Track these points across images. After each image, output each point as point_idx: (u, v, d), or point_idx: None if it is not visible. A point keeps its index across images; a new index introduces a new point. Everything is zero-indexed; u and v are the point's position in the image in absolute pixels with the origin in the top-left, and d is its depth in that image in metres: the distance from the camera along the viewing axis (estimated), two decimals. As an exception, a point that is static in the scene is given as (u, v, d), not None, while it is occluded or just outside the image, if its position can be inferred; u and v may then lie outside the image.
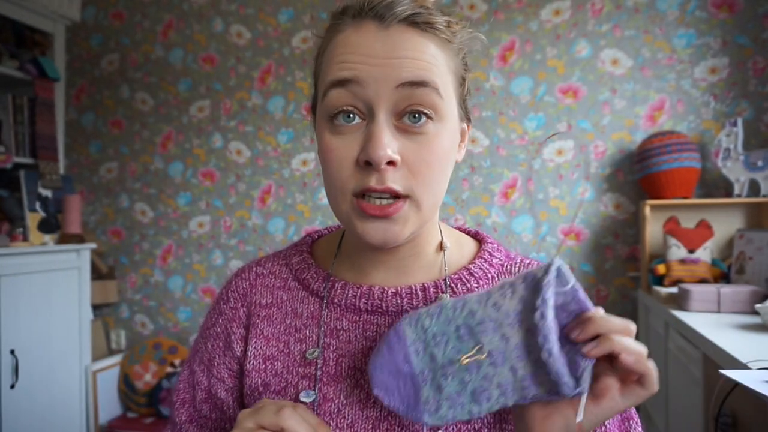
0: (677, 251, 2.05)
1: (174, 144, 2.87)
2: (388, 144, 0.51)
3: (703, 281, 1.97)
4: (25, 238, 2.42)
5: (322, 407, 0.58)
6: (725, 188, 2.22)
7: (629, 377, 0.48)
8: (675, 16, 2.29)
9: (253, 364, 0.63)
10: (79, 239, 2.54)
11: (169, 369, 2.72)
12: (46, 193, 2.56)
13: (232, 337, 0.66)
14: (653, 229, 2.22)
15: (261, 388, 0.63)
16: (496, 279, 0.62)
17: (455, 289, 0.60)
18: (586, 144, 2.39)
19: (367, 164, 0.52)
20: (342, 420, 0.58)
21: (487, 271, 0.62)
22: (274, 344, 0.63)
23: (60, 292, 2.41)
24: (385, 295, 0.60)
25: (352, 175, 0.53)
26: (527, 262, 0.64)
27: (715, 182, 2.25)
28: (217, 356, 0.67)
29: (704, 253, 2.03)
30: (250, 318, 0.66)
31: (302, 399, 0.59)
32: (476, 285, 0.61)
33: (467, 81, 0.60)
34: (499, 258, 0.64)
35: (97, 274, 2.84)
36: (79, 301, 2.51)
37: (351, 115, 0.53)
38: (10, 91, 2.51)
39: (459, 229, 0.69)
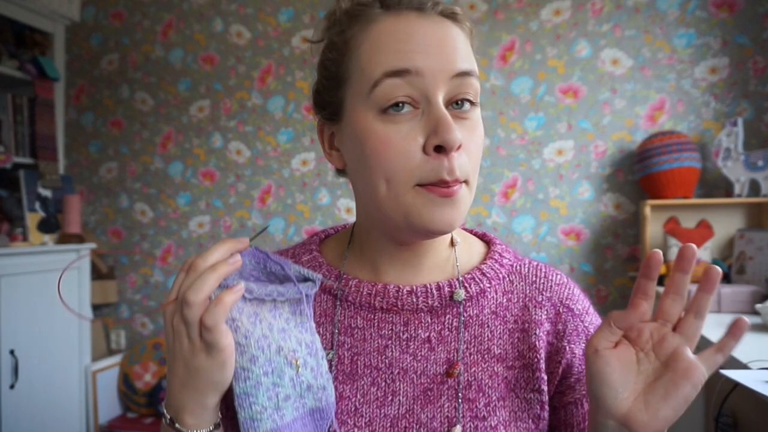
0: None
1: (174, 144, 2.87)
2: (457, 127, 0.52)
3: (703, 281, 1.97)
4: (25, 238, 2.42)
5: (338, 406, 0.58)
6: (725, 188, 2.22)
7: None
8: (675, 15, 2.29)
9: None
10: (79, 239, 2.54)
11: (169, 369, 2.72)
12: (46, 193, 2.55)
13: None
14: (653, 229, 2.22)
15: None
16: (507, 279, 0.63)
17: (468, 289, 0.60)
18: (586, 144, 2.39)
19: (436, 150, 0.51)
20: (360, 419, 0.57)
21: (498, 271, 0.63)
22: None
23: (60, 292, 2.41)
24: (400, 293, 0.60)
25: (419, 164, 0.52)
26: (535, 264, 0.65)
27: (715, 182, 2.25)
28: None
29: (704, 253, 2.03)
30: None
31: None
32: (488, 284, 0.61)
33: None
34: (508, 259, 0.65)
35: (97, 274, 2.84)
36: (79, 301, 2.51)
37: (401, 105, 0.52)
38: (10, 91, 2.50)
39: (465, 230, 0.70)
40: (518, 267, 0.64)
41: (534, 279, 0.63)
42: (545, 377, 0.59)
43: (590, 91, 2.38)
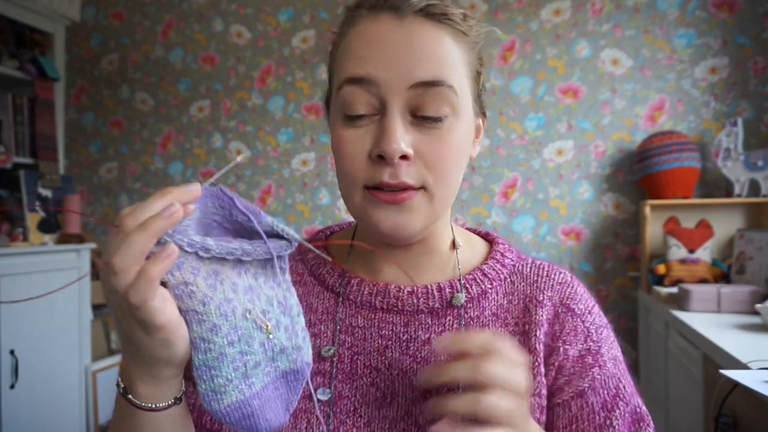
0: (677, 251, 2.05)
1: (174, 144, 2.87)
2: (401, 138, 0.51)
3: (703, 281, 1.97)
4: (25, 238, 2.42)
5: (337, 405, 0.57)
6: (725, 188, 2.22)
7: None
8: (675, 16, 2.29)
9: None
10: (79, 239, 2.54)
11: (169, 369, 2.72)
12: (46, 193, 2.55)
13: None
14: (653, 229, 2.22)
15: None
16: (509, 279, 0.62)
17: (470, 290, 0.60)
18: (586, 144, 2.39)
19: (380, 158, 0.52)
20: (359, 419, 0.57)
21: (500, 271, 0.62)
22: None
23: (60, 292, 2.41)
24: (401, 293, 0.59)
25: (364, 168, 0.53)
26: (538, 263, 0.64)
27: (715, 182, 2.25)
28: None
29: (704, 253, 2.03)
30: None
31: (319, 396, 0.58)
32: (489, 286, 0.61)
33: (482, 76, 0.60)
34: (510, 258, 0.64)
35: (97, 274, 2.84)
36: (79, 301, 2.51)
37: (363, 111, 0.53)
38: (10, 91, 2.50)
39: (468, 229, 0.69)
40: (520, 267, 0.63)
41: (536, 278, 0.62)
42: (544, 381, 0.58)
43: (590, 91, 2.38)
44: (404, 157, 0.51)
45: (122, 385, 0.47)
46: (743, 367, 1.14)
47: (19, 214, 2.45)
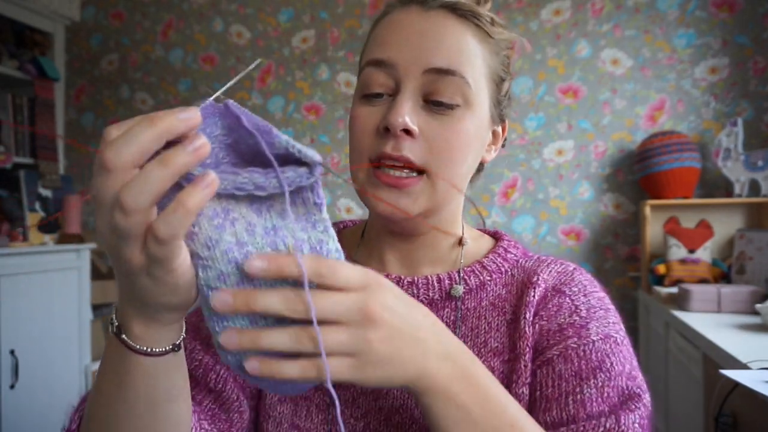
0: (677, 251, 2.05)
1: (174, 144, 2.87)
2: (408, 113, 0.52)
3: (703, 281, 1.97)
4: (25, 238, 2.42)
5: (337, 393, 0.57)
6: (725, 188, 2.22)
7: None
8: (675, 16, 2.29)
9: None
10: (79, 239, 2.54)
11: (169, 369, 2.72)
12: (46, 193, 2.55)
13: None
14: (653, 229, 2.22)
15: None
16: (510, 273, 0.61)
17: (468, 281, 0.60)
18: (586, 144, 2.39)
19: (386, 131, 0.53)
20: (357, 410, 0.58)
21: (500, 264, 0.62)
22: None
23: (60, 292, 2.41)
24: (400, 284, 0.60)
25: (371, 142, 0.55)
26: (543, 258, 0.63)
27: (715, 182, 2.25)
28: None
29: (704, 253, 2.03)
30: None
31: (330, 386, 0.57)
32: (489, 278, 0.61)
33: (507, 84, 0.61)
34: (514, 254, 0.63)
35: (97, 274, 2.84)
36: (79, 301, 2.51)
37: (381, 93, 0.55)
38: (10, 91, 2.50)
39: (480, 230, 0.70)
40: (523, 262, 0.63)
41: (535, 267, 0.61)
42: (530, 366, 0.55)
43: (590, 91, 2.38)
44: (409, 133, 0.53)
45: (116, 323, 0.41)
46: (743, 367, 1.14)
47: (19, 214, 2.45)
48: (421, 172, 0.54)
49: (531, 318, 0.56)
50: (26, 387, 2.20)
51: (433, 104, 0.54)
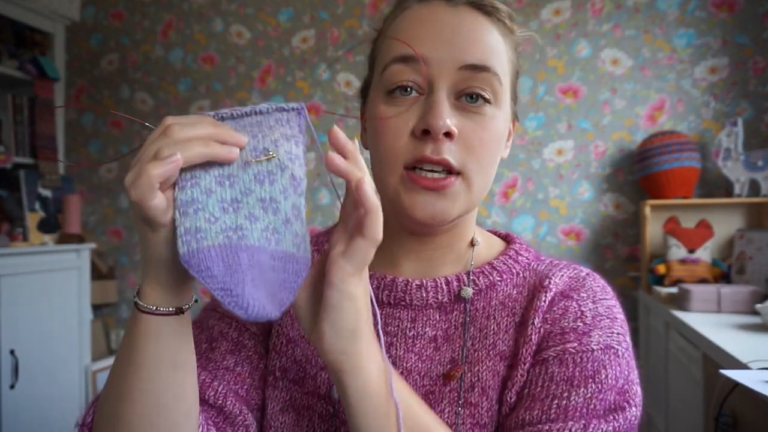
0: (677, 251, 2.05)
1: (174, 144, 2.86)
2: (448, 116, 0.51)
3: (703, 281, 1.97)
4: (25, 238, 2.42)
5: (341, 403, 0.57)
6: (725, 188, 2.22)
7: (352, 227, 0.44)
8: (675, 15, 2.29)
9: (275, 342, 0.61)
10: (79, 239, 2.54)
11: (169, 369, 2.72)
12: (46, 193, 2.55)
13: None
14: (653, 229, 2.22)
15: (278, 373, 0.60)
16: (521, 275, 0.60)
17: (477, 282, 0.59)
18: (586, 144, 2.39)
19: (424, 134, 0.51)
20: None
21: (512, 266, 0.60)
22: (297, 327, 0.61)
23: (60, 292, 2.41)
24: (409, 287, 0.58)
25: (406, 145, 0.52)
26: (556, 262, 0.62)
27: (715, 182, 2.25)
28: None
29: (704, 253, 2.03)
30: None
31: (334, 396, 0.57)
32: (499, 279, 0.59)
33: (519, 78, 0.61)
34: (525, 257, 0.62)
35: (97, 274, 2.84)
36: (79, 301, 2.51)
37: (409, 89, 0.53)
38: (10, 91, 2.50)
39: (491, 231, 0.68)
40: (535, 265, 0.61)
41: (547, 272, 0.59)
42: (524, 375, 0.54)
43: (590, 91, 2.38)
44: (449, 135, 0.51)
45: (136, 289, 0.47)
46: (743, 367, 1.14)
47: (19, 214, 2.45)
48: (456, 172, 0.52)
49: (539, 324, 0.55)
50: (26, 387, 2.21)
51: (467, 101, 0.53)
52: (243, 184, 0.44)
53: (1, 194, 2.48)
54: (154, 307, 0.46)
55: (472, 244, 0.62)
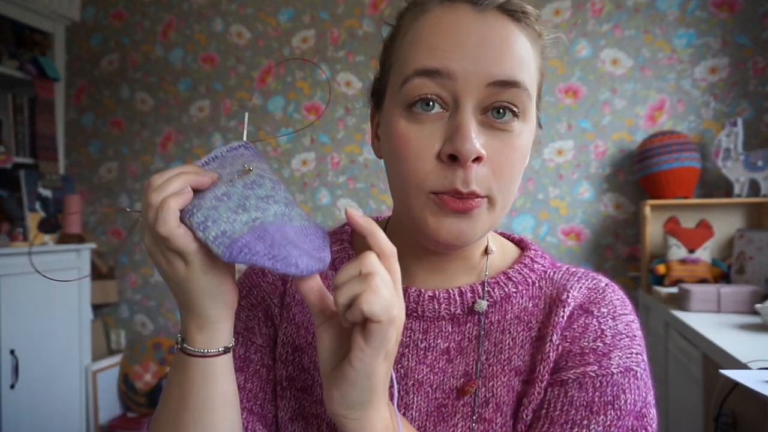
0: (677, 251, 2.05)
1: (174, 144, 2.87)
2: (476, 138, 0.47)
3: (703, 281, 1.97)
4: (25, 238, 2.42)
5: None
6: (725, 188, 2.22)
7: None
8: (675, 16, 2.29)
9: (280, 352, 0.60)
10: (79, 239, 2.54)
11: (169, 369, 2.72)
12: (46, 193, 2.55)
13: (272, 305, 0.62)
14: (653, 229, 2.22)
15: (285, 383, 0.59)
16: (537, 284, 0.58)
17: (492, 294, 0.57)
18: (586, 144, 2.39)
19: (451, 159, 0.48)
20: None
21: (527, 276, 0.58)
22: (303, 334, 0.60)
23: (60, 292, 2.41)
24: (421, 298, 0.57)
25: (432, 170, 0.49)
26: (573, 270, 0.60)
27: (715, 182, 2.25)
28: (256, 325, 0.61)
29: (704, 253, 2.03)
30: (284, 297, 0.62)
31: None
32: (514, 290, 0.57)
33: (543, 84, 0.57)
34: (541, 264, 0.60)
35: (97, 274, 2.84)
36: (79, 301, 2.51)
37: (431, 104, 0.49)
38: (10, 91, 2.51)
39: (504, 235, 0.66)
40: (551, 273, 0.59)
41: (565, 282, 0.57)
42: (541, 393, 0.54)
43: (590, 91, 2.38)
44: (477, 159, 0.48)
45: (180, 337, 0.50)
46: (743, 367, 1.14)
47: (20, 214, 2.45)
48: (482, 196, 0.50)
49: (557, 341, 0.54)
50: (26, 387, 2.21)
51: (494, 116, 0.49)
52: (239, 194, 0.48)
53: (1, 194, 2.48)
54: (205, 350, 0.49)
55: (486, 252, 0.60)
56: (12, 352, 2.15)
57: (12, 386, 2.14)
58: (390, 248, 0.45)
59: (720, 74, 2.26)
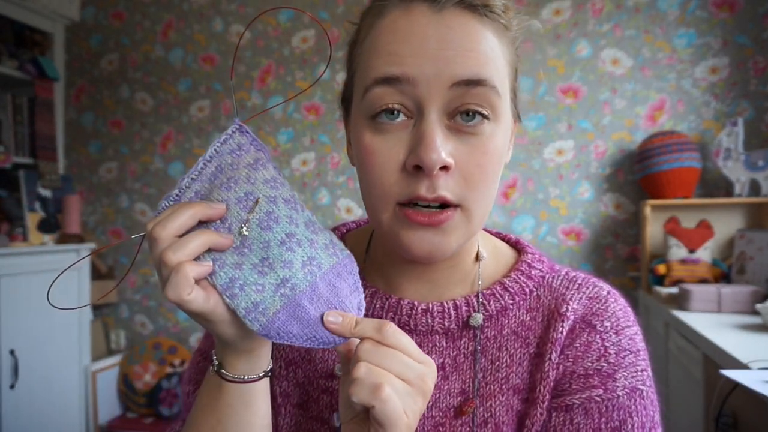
0: (678, 251, 2.05)
1: (174, 144, 2.87)
2: (442, 146, 0.45)
3: (703, 281, 1.97)
4: (25, 238, 2.42)
5: (344, 429, 0.56)
6: (726, 188, 2.22)
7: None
8: (675, 15, 2.29)
9: (273, 368, 0.58)
10: (78, 239, 2.54)
11: (169, 369, 2.72)
12: (46, 193, 2.55)
13: None
14: (654, 229, 2.22)
15: (280, 399, 0.58)
16: (534, 293, 0.55)
17: (487, 306, 0.54)
18: (586, 144, 2.39)
19: (416, 169, 0.45)
20: None
21: (524, 284, 0.56)
22: (297, 349, 0.59)
23: (60, 292, 2.41)
24: (414, 311, 0.54)
25: (397, 181, 0.47)
26: (572, 275, 0.57)
27: (715, 182, 2.25)
28: None
29: (705, 253, 2.03)
30: None
31: (335, 423, 0.54)
32: (511, 301, 0.55)
33: (519, 74, 0.54)
34: (539, 269, 0.57)
35: (97, 274, 2.84)
36: (79, 301, 2.51)
37: (395, 113, 0.46)
38: (10, 91, 2.50)
39: (497, 235, 0.63)
40: (550, 279, 0.57)
41: (564, 291, 0.55)
42: (543, 413, 0.52)
43: (590, 91, 2.38)
44: (444, 168, 0.45)
45: (216, 362, 0.49)
46: (743, 367, 1.14)
47: (19, 214, 2.45)
48: (454, 205, 0.47)
49: (557, 358, 0.52)
50: (26, 387, 2.21)
51: (462, 120, 0.46)
52: (257, 241, 0.46)
53: (1, 194, 2.48)
54: (244, 376, 0.48)
55: (477, 258, 0.57)
56: (12, 352, 2.15)
57: (12, 386, 2.14)
58: (381, 327, 0.43)
59: (720, 74, 2.25)
